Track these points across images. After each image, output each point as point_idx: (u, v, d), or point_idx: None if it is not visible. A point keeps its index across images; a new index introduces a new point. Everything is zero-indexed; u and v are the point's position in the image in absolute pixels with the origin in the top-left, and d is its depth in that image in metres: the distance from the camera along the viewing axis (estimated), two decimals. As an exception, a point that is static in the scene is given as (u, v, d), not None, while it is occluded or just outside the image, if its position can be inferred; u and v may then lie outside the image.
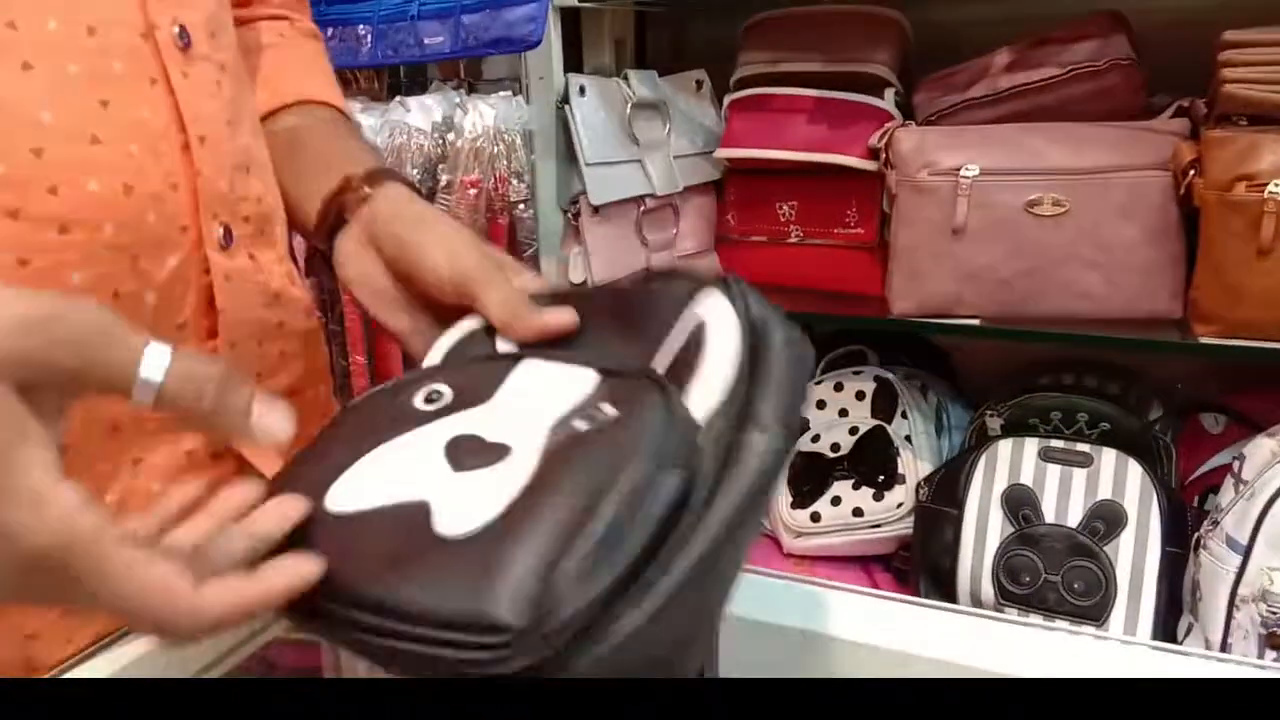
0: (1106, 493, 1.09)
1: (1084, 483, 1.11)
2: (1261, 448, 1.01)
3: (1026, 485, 1.12)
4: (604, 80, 1.24)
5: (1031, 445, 1.14)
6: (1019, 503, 1.11)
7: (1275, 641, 0.92)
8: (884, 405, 1.30)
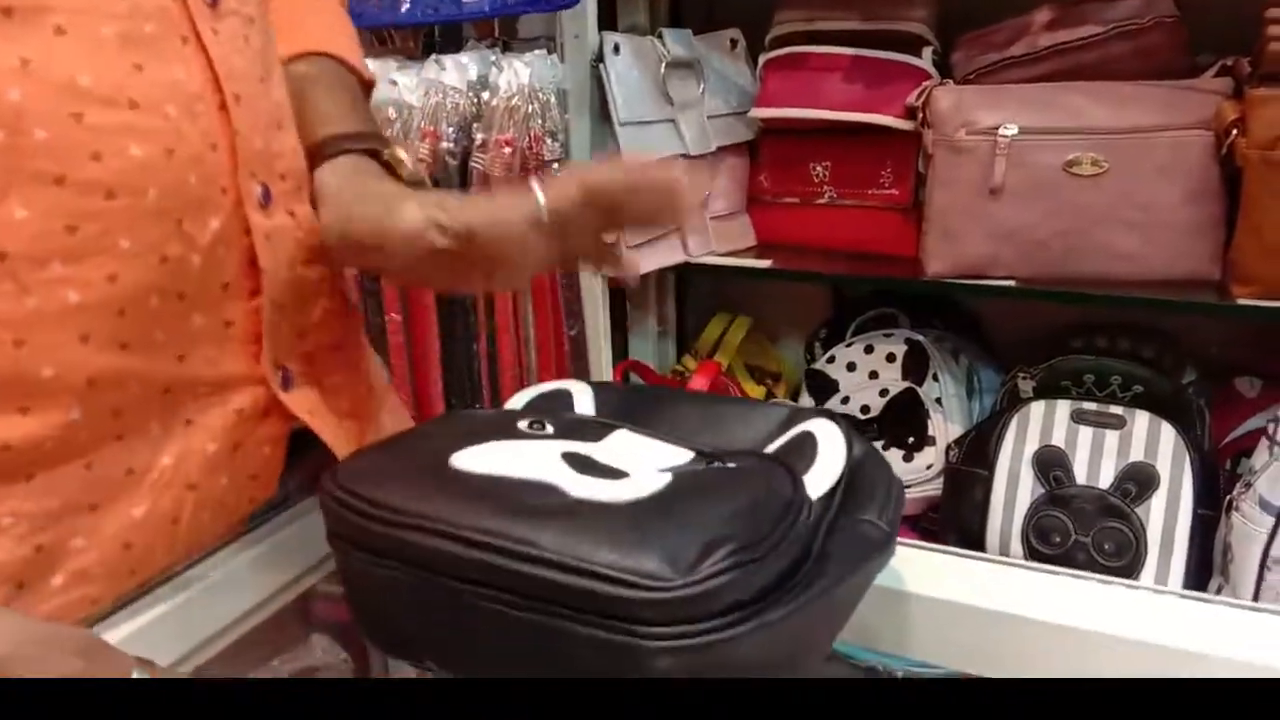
0: (1139, 454, 1.09)
1: (1116, 444, 1.11)
2: (1298, 410, 1.01)
3: (1058, 447, 1.12)
4: (638, 39, 1.23)
5: (1064, 407, 1.14)
6: (1050, 464, 1.12)
7: (1307, 601, 0.93)
8: (915, 368, 1.31)
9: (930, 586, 0.49)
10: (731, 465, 0.41)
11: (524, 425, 0.45)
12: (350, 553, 0.40)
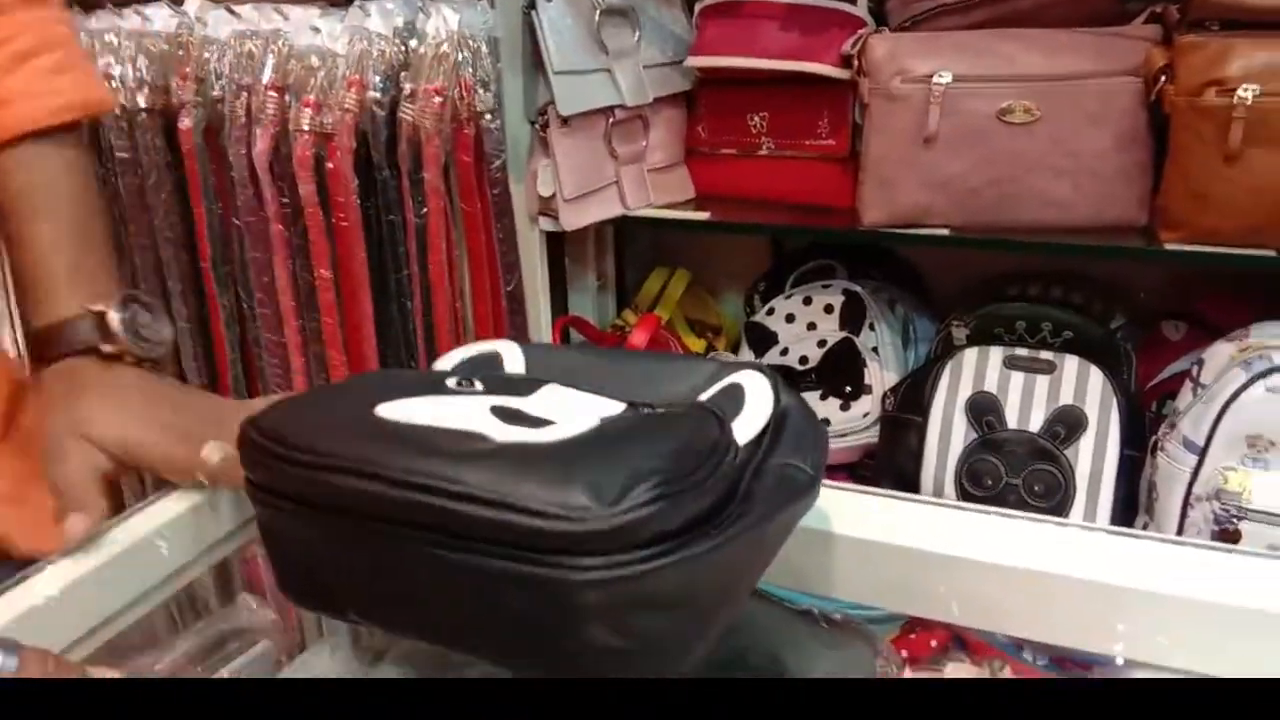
0: (1068, 398, 1.11)
1: (1046, 389, 1.13)
2: (1220, 352, 1.03)
3: (990, 393, 1.14)
4: (571, -15, 1.20)
5: (996, 354, 1.16)
6: (982, 410, 1.14)
7: (1227, 537, 0.96)
8: (852, 318, 1.32)
9: (861, 528, 0.49)
10: (660, 411, 0.42)
11: (452, 383, 0.44)
12: (268, 501, 0.39)
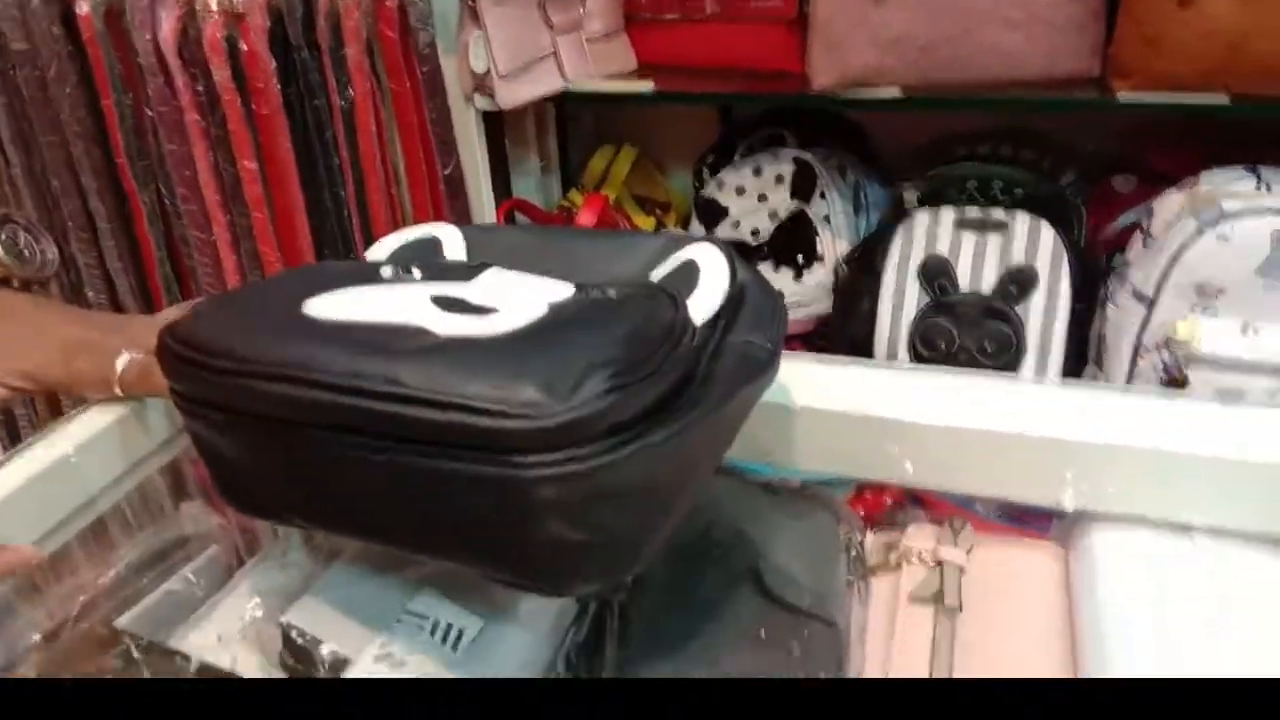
0: (1020, 257, 1.11)
1: (998, 248, 1.12)
2: (1170, 201, 1.03)
3: (942, 255, 1.13)
4: None
5: (947, 214, 1.15)
6: (935, 273, 1.13)
7: (1175, 385, 0.98)
8: (803, 187, 1.29)
9: (816, 398, 0.48)
10: (611, 293, 0.40)
11: (387, 272, 0.42)
12: (194, 412, 0.37)
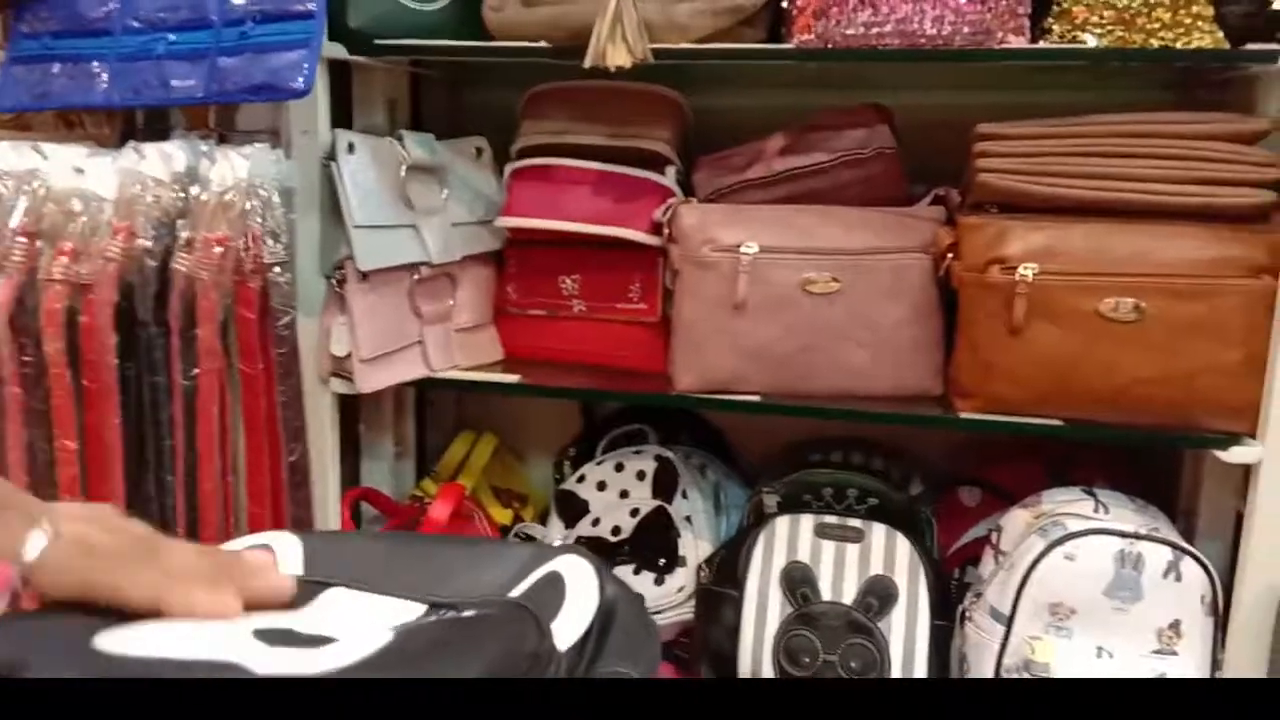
0: (879, 567, 1.10)
1: (857, 558, 1.12)
2: (1016, 519, 1.06)
3: (804, 562, 1.12)
4: (376, 139, 1.16)
5: (807, 522, 1.15)
6: (797, 581, 1.11)
7: (1041, 709, 0.95)
8: (665, 484, 1.28)
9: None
10: (468, 614, 0.35)
11: None
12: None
